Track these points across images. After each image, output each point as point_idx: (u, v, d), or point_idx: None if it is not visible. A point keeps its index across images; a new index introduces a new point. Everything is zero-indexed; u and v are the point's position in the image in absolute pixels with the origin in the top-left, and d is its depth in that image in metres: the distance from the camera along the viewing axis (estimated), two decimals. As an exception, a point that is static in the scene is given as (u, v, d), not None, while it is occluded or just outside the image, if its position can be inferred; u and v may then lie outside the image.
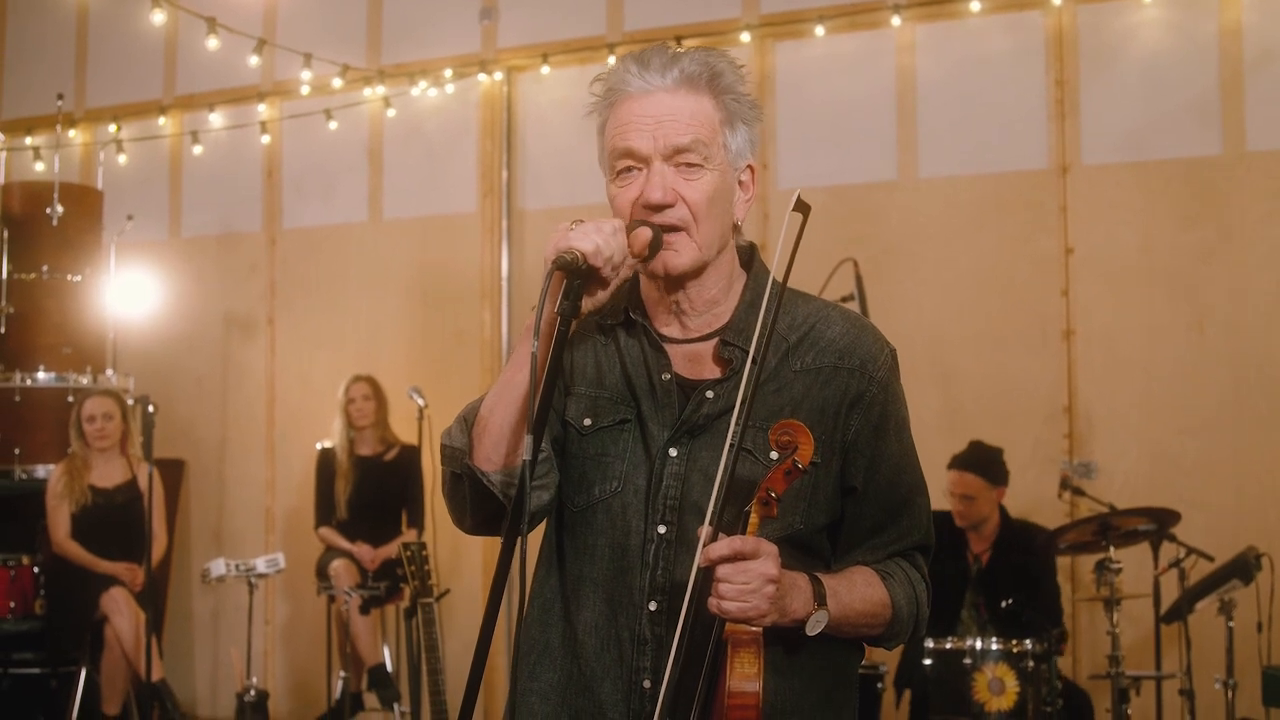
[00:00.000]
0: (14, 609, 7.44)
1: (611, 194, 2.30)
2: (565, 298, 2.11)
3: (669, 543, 2.25)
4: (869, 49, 7.85)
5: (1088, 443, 7.26)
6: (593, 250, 2.12)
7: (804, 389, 2.31)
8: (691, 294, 2.33)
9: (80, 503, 7.41)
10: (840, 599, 2.24)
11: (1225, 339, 7.05)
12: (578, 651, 2.32)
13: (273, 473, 9.16)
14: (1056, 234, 7.36)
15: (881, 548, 2.39)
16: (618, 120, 2.29)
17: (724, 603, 2.08)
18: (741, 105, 2.36)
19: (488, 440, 2.25)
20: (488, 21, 8.66)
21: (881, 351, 2.38)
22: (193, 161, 9.47)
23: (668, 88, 2.27)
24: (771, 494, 2.15)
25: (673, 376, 2.32)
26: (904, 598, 2.36)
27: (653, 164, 2.25)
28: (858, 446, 2.32)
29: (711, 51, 2.34)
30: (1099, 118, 7.35)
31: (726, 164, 2.34)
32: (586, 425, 2.34)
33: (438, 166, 8.83)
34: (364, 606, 7.43)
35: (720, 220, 2.32)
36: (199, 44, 8.47)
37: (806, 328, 2.36)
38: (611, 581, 2.29)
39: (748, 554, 2.08)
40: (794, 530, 2.28)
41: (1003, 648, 5.73)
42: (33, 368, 8.02)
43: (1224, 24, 7.14)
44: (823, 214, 7.75)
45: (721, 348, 2.32)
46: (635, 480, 2.29)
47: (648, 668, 2.25)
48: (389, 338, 8.76)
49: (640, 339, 2.36)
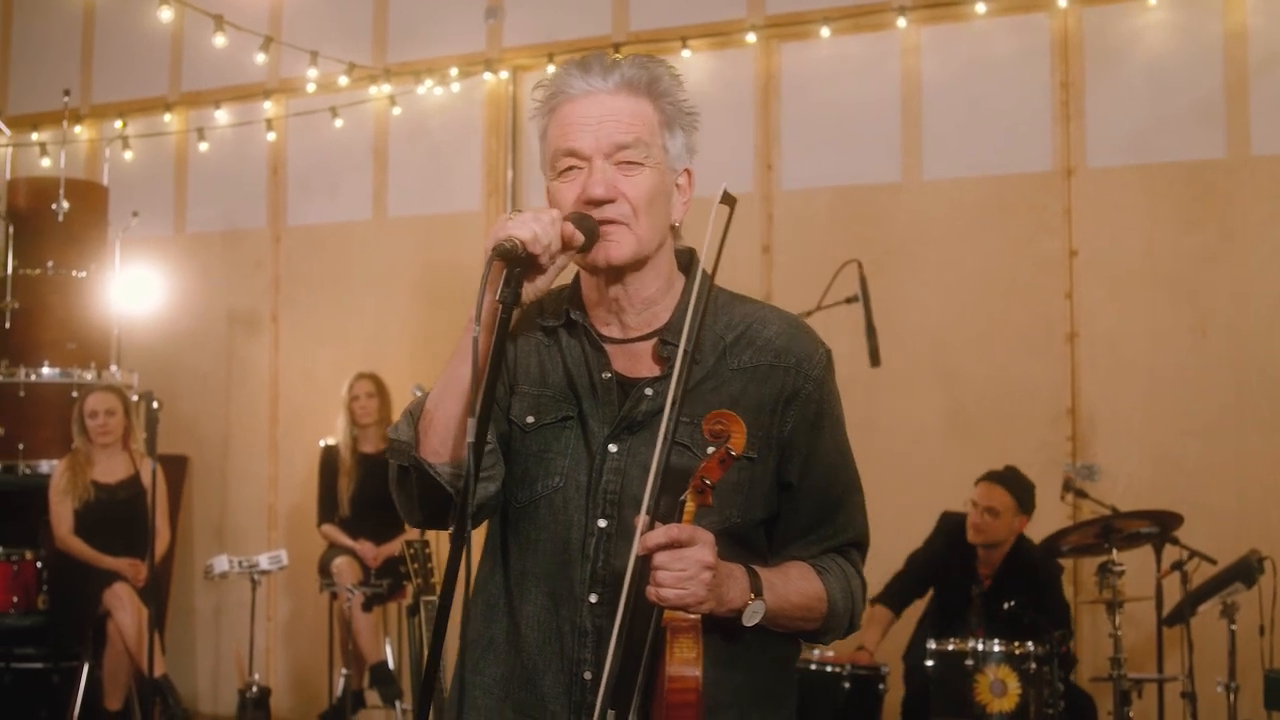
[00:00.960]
0: (17, 604, 7.45)
1: (553, 191, 2.36)
2: (506, 285, 2.16)
3: (609, 536, 2.30)
4: (874, 50, 7.85)
5: (1090, 445, 7.26)
6: (531, 238, 2.16)
7: (741, 386, 2.35)
8: (630, 291, 2.38)
9: (83, 498, 7.41)
10: (776, 590, 2.29)
11: (1228, 342, 7.05)
12: (520, 645, 2.36)
13: (276, 469, 9.16)
14: (1061, 236, 7.36)
15: (817, 543, 2.43)
16: (560, 121, 2.35)
17: (662, 590, 2.12)
18: (679, 111, 2.42)
19: (434, 433, 2.30)
20: (493, 21, 8.67)
21: (817, 350, 2.43)
22: (198, 158, 9.47)
23: (609, 90, 2.34)
24: (706, 482, 2.17)
25: (613, 375, 2.37)
26: (839, 592, 2.40)
27: (594, 161, 2.31)
28: (794, 443, 2.38)
29: (650, 58, 2.41)
30: (1104, 120, 7.36)
31: (665, 165, 2.38)
32: (529, 423, 2.39)
33: (443, 165, 8.83)
34: (366, 604, 7.44)
35: (659, 218, 2.36)
36: (205, 41, 8.48)
37: (743, 327, 2.41)
38: (554, 575, 2.34)
39: (684, 541, 2.13)
40: (731, 523, 2.31)
41: (1005, 649, 5.73)
42: (37, 363, 8.02)
43: (1229, 27, 7.15)
44: (827, 215, 7.83)
45: (660, 346, 2.37)
46: (577, 476, 2.34)
47: (589, 659, 2.29)
48: (393, 335, 8.76)
49: (581, 339, 2.41)
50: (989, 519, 6.26)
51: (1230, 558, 6.10)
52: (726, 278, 2.37)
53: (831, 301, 6.36)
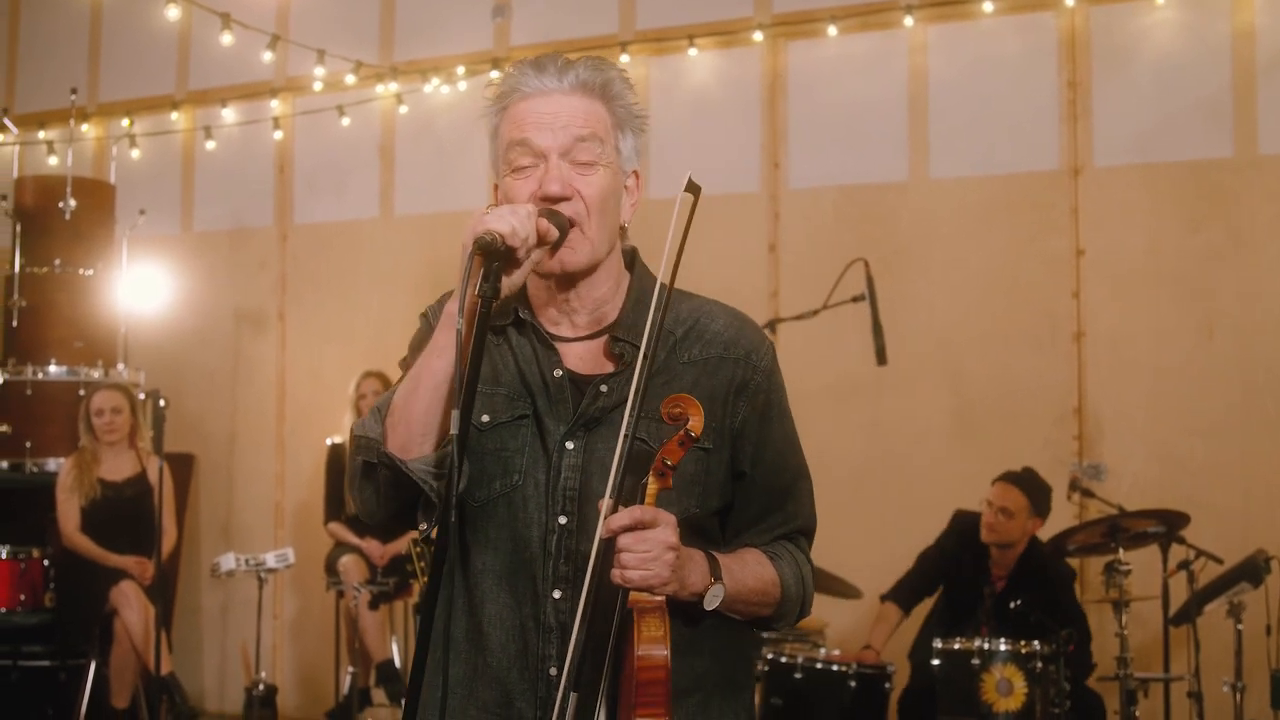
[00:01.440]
0: (24, 602, 7.45)
1: (506, 187, 2.37)
2: (485, 280, 2.15)
3: (570, 532, 2.32)
4: (881, 49, 7.85)
5: (1097, 444, 7.26)
6: (509, 231, 2.16)
7: (693, 379, 2.39)
8: (582, 292, 2.41)
9: (90, 496, 7.41)
10: (734, 575, 2.33)
11: (1235, 341, 7.05)
12: (483, 644, 2.37)
13: (282, 467, 9.18)
14: (1067, 235, 7.36)
15: (768, 531, 2.47)
16: (515, 117, 2.36)
17: (627, 571, 2.15)
18: (630, 113, 2.43)
19: (404, 428, 2.29)
20: (500, 19, 8.68)
21: (764, 343, 2.48)
22: (205, 156, 9.48)
23: (564, 90, 2.35)
24: (667, 463, 2.20)
25: (564, 372, 2.39)
26: (791, 578, 2.44)
27: (550, 158, 2.32)
28: (745, 432, 2.42)
29: (603, 61, 2.42)
30: (1111, 119, 7.35)
31: (618, 165, 2.40)
32: (485, 421, 2.39)
33: (449, 163, 8.84)
34: (373, 602, 7.45)
35: (611, 218, 2.38)
36: (212, 39, 8.49)
37: (691, 322, 2.44)
38: (515, 573, 2.35)
39: (647, 522, 2.16)
40: (690, 514, 2.33)
41: (1011, 648, 5.72)
42: (44, 361, 8.03)
43: (1236, 26, 7.14)
44: (834, 214, 7.83)
45: (612, 344, 2.39)
46: (535, 474, 2.35)
47: (553, 655, 2.30)
48: (400, 334, 8.68)
49: (530, 337, 2.43)
50: (1002, 519, 6.25)
51: (1236, 557, 6.09)
52: (733, 276, 2.40)
53: (838, 300, 6.36)
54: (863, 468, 7.59)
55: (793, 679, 6.05)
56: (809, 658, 6.12)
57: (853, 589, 6.62)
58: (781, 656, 6.10)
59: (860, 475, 7.56)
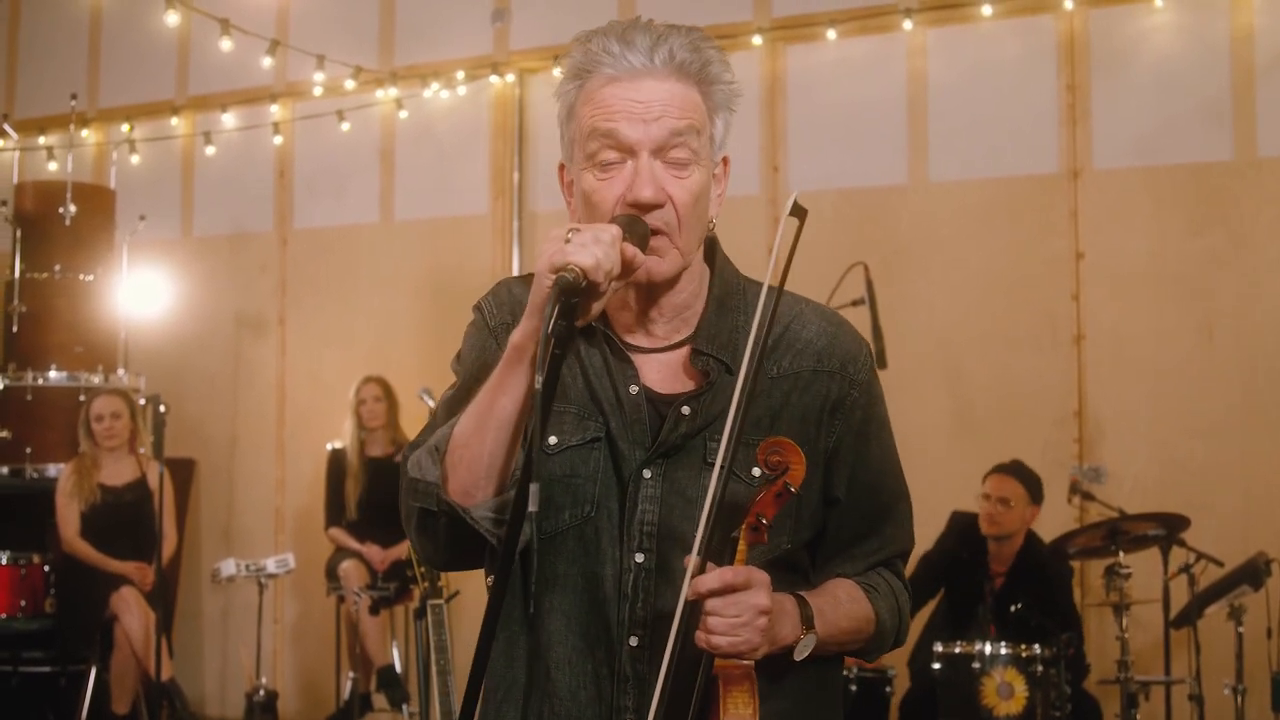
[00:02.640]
0: (24, 608, 7.45)
1: (589, 187, 2.08)
2: (561, 317, 1.89)
3: (648, 571, 2.08)
4: (880, 52, 7.85)
5: (1097, 447, 7.25)
6: (593, 265, 1.90)
7: (783, 396, 2.15)
8: (664, 302, 2.16)
9: (90, 501, 7.41)
10: (827, 618, 2.11)
11: (1235, 344, 7.04)
12: (549, 690, 2.12)
13: (283, 473, 9.17)
14: (1067, 238, 7.35)
15: (863, 558, 2.24)
16: (599, 102, 2.06)
17: (714, 637, 1.93)
18: (728, 94, 2.15)
19: (468, 472, 2.05)
20: (500, 24, 8.67)
21: (861, 350, 2.26)
22: (205, 161, 9.48)
23: (656, 72, 2.06)
24: (762, 520, 2.00)
25: (641, 389, 2.13)
26: (887, 611, 2.23)
27: (640, 156, 2.04)
28: (840, 454, 2.19)
29: (696, 34, 2.13)
30: (1110, 122, 7.35)
31: (711, 158, 2.13)
32: (552, 444, 2.12)
33: (449, 168, 8.84)
34: (373, 607, 7.44)
35: (702, 221, 2.13)
36: (212, 45, 8.48)
37: (781, 328, 2.19)
38: (586, 614, 2.11)
39: (739, 586, 1.94)
40: (780, 550, 2.13)
41: (1012, 652, 5.72)
42: (44, 366, 8.03)
43: (1236, 29, 7.14)
44: (833, 217, 7.83)
45: (694, 357, 2.14)
46: (608, 504, 2.10)
47: (630, 706, 2.07)
48: (400, 339, 8.77)
49: (602, 347, 2.15)
50: (1002, 509, 6.28)
51: (1237, 559, 6.09)
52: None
53: (838, 304, 6.35)
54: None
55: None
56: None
57: (853, 592, 6.61)
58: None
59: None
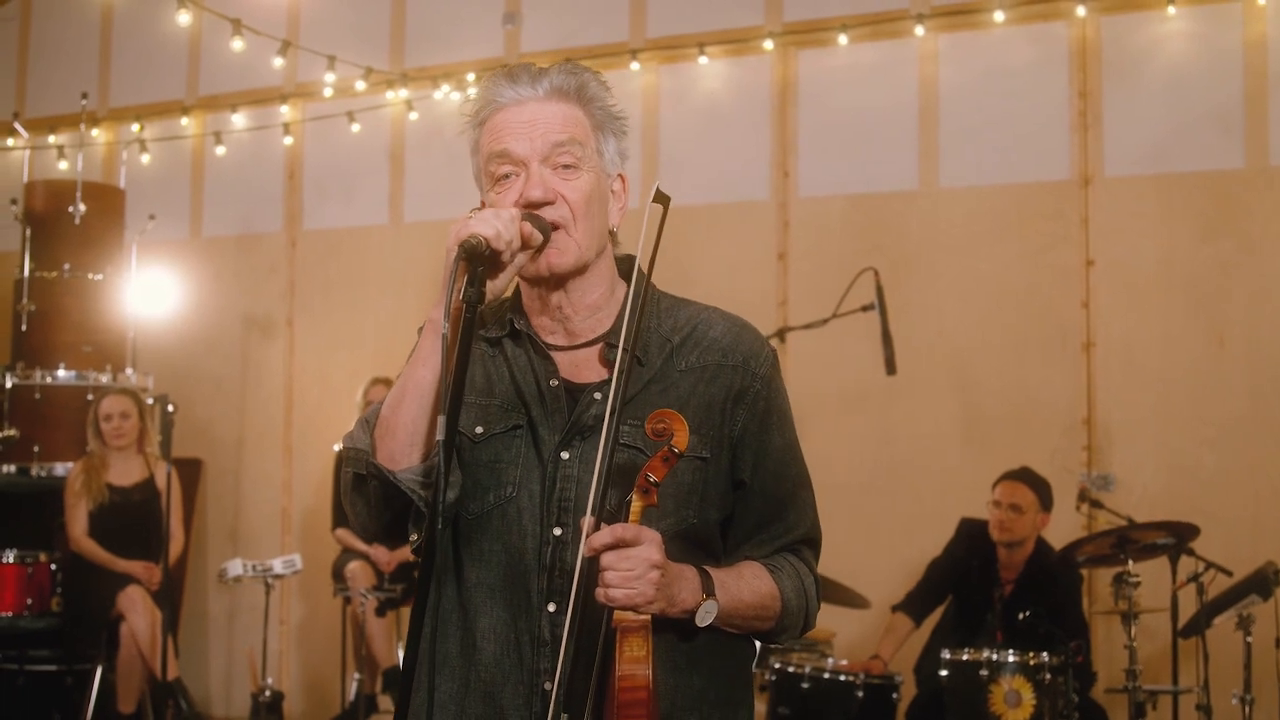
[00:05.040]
0: (31, 606, 7.46)
1: (490, 200, 2.36)
2: (470, 284, 2.14)
3: (565, 543, 2.27)
4: (891, 58, 7.84)
5: (1106, 455, 7.24)
6: (494, 235, 2.15)
7: (690, 387, 2.36)
8: (573, 298, 2.38)
9: (98, 501, 7.41)
10: (729, 590, 2.28)
11: (1245, 352, 7.03)
12: (476, 659, 2.32)
13: (290, 473, 9.17)
14: (1077, 245, 7.34)
15: (769, 542, 2.42)
16: (492, 129, 2.37)
17: (610, 590, 2.11)
18: (609, 115, 2.41)
19: (392, 438, 2.27)
20: (511, 26, 8.68)
21: (763, 348, 2.44)
22: (215, 162, 9.50)
23: (539, 97, 2.35)
24: (651, 479, 2.16)
25: (560, 382, 2.36)
26: (792, 591, 2.39)
27: (530, 165, 2.32)
28: (744, 441, 2.38)
29: (576, 65, 2.41)
30: (1121, 129, 7.34)
31: (600, 169, 2.38)
32: (479, 433, 2.37)
33: (459, 170, 8.68)
34: (380, 608, 7.44)
35: (597, 222, 2.36)
36: (223, 45, 8.50)
37: (689, 329, 2.42)
38: (509, 586, 2.30)
39: (629, 540, 2.12)
40: (688, 524, 2.31)
41: (1020, 660, 5.70)
42: (53, 366, 8.04)
43: (1248, 37, 7.13)
44: (843, 222, 7.83)
45: (606, 350, 2.36)
46: (529, 485, 2.32)
47: (548, 669, 2.25)
48: (408, 340, 8.65)
49: (526, 347, 2.41)
50: (1013, 515, 6.27)
51: (1246, 568, 6.08)
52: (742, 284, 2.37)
53: (847, 309, 6.35)
54: (871, 477, 7.57)
55: (800, 689, 6.04)
56: (816, 667, 6.11)
57: (860, 599, 6.60)
58: (789, 666, 6.09)
59: (869, 485, 7.54)
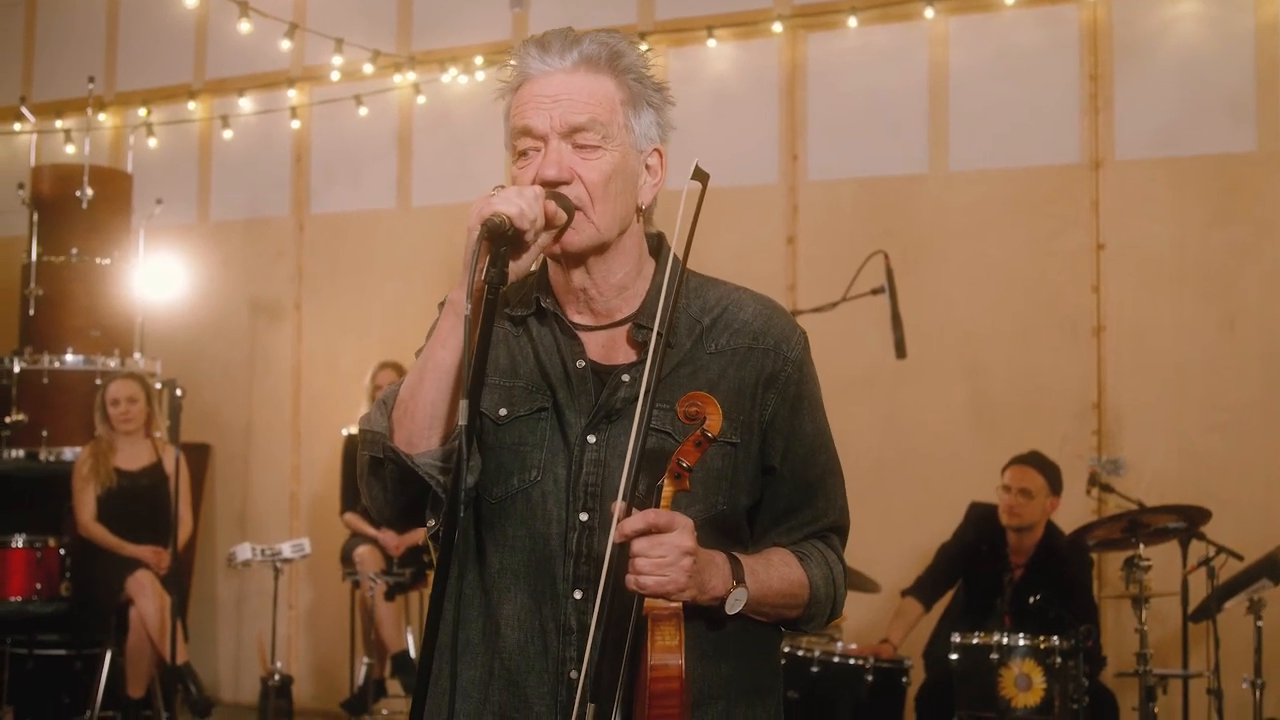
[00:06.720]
0: (40, 591, 7.46)
1: (513, 176, 2.30)
2: (492, 264, 2.10)
3: (591, 529, 2.23)
4: (901, 41, 7.81)
5: (1116, 439, 7.22)
6: (517, 214, 2.11)
7: (720, 370, 2.30)
8: (596, 278, 2.32)
9: (106, 485, 7.41)
10: (759, 577, 2.24)
11: (1256, 336, 7.00)
12: (500, 646, 2.27)
13: (298, 458, 9.17)
14: (1088, 229, 7.32)
15: (797, 529, 2.38)
16: (519, 101, 2.29)
17: (641, 577, 2.07)
18: (645, 87, 2.32)
19: (411, 421, 2.21)
20: (519, 9, 8.65)
21: (794, 332, 2.38)
22: (222, 146, 9.49)
23: (566, 69, 2.27)
24: (683, 464, 2.13)
25: (587, 363, 2.30)
26: (821, 578, 2.34)
27: (550, 142, 2.25)
28: (775, 425, 2.33)
29: (614, 34, 2.31)
30: (1132, 113, 7.31)
31: (629, 145, 2.30)
32: (502, 415, 2.30)
33: (467, 154, 8.81)
34: (389, 593, 7.45)
35: (620, 201, 2.28)
36: (230, 28, 8.48)
37: (719, 310, 2.36)
38: (534, 572, 2.26)
39: (662, 526, 2.08)
40: (718, 511, 2.27)
41: (1030, 644, 5.70)
42: (61, 350, 8.02)
43: (1261, 19, 7.09)
44: (852, 206, 7.80)
45: (634, 331, 2.30)
46: (554, 469, 2.26)
47: (574, 657, 2.21)
48: (416, 324, 8.68)
49: (552, 327, 2.35)
50: (1023, 500, 6.27)
51: (1257, 553, 6.05)
52: (751, 268, 2.35)
53: (857, 293, 6.32)
54: (881, 461, 7.55)
55: (809, 672, 6.04)
56: (826, 651, 6.11)
57: (870, 583, 6.59)
58: (798, 650, 6.08)
59: (878, 469, 7.53)
